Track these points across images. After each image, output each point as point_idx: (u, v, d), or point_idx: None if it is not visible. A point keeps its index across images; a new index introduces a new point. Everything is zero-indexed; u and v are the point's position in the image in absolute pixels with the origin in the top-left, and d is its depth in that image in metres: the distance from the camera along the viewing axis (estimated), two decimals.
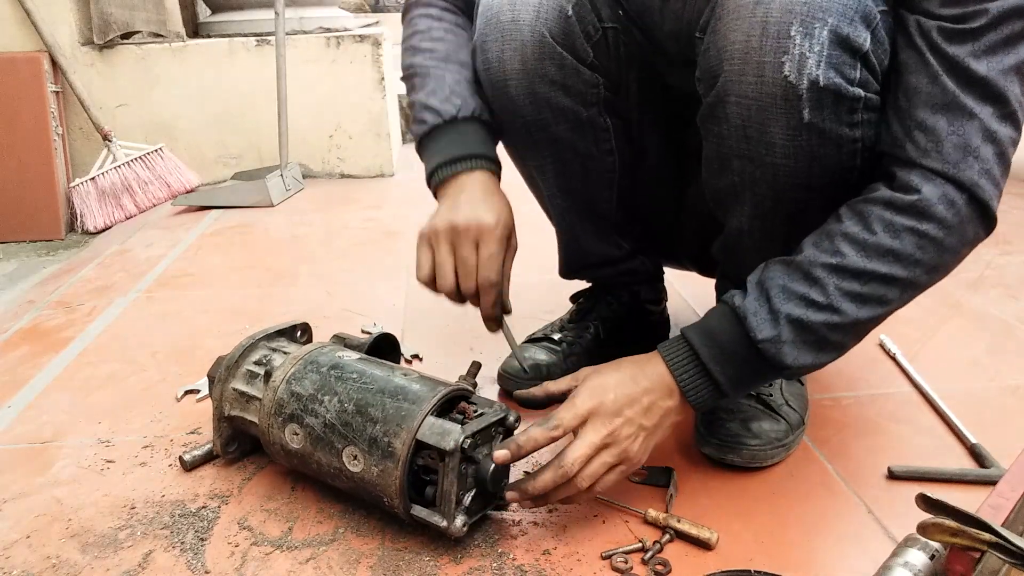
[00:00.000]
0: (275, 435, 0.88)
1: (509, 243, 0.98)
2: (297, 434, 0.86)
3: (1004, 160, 0.79)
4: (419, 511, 0.81)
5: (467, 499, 0.81)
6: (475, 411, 0.84)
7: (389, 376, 0.87)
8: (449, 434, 0.78)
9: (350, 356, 0.92)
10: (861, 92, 0.79)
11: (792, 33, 0.77)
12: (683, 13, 0.97)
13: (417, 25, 1.04)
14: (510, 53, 0.97)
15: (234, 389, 0.94)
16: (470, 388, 0.89)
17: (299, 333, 1.04)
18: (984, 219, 0.80)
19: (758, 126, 0.83)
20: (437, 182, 0.99)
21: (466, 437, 0.78)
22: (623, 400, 0.82)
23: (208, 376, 0.98)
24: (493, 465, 0.81)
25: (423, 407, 0.81)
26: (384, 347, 1.06)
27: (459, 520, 0.80)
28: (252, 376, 0.94)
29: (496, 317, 0.99)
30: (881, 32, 0.78)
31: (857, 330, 0.83)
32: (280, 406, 0.88)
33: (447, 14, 1.05)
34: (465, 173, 0.97)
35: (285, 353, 0.95)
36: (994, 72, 0.75)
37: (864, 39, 0.77)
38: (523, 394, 0.91)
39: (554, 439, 0.81)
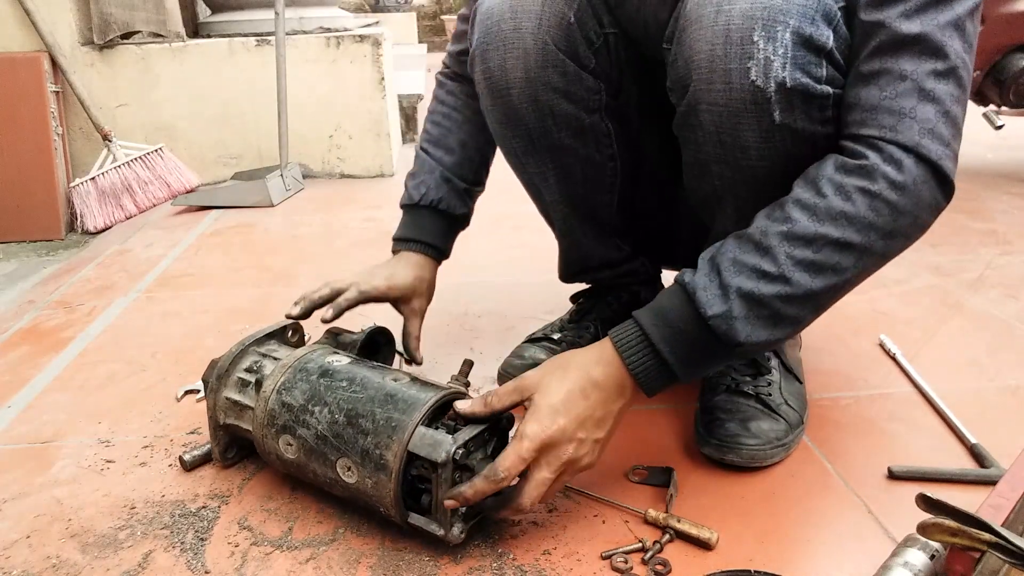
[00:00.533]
0: (270, 445, 0.88)
1: (409, 304, 1.16)
2: (291, 445, 0.86)
3: (950, 119, 0.76)
4: (416, 519, 0.81)
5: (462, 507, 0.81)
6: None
7: (380, 382, 0.85)
8: (440, 445, 0.77)
9: (340, 361, 0.91)
10: (829, 89, 0.79)
11: (755, 38, 0.78)
12: (643, 22, 0.98)
13: (432, 103, 1.22)
14: (512, 61, 0.97)
15: (227, 398, 0.93)
16: (462, 390, 0.89)
17: (290, 333, 1.03)
18: (939, 181, 0.77)
19: (731, 131, 0.84)
20: (392, 250, 1.21)
21: (457, 448, 0.77)
22: (574, 424, 0.78)
23: (203, 380, 0.98)
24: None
25: (413, 417, 0.79)
26: (379, 341, 1.06)
27: (456, 528, 0.79)
28: (244, 384, 0.93)
29: (330, 319, 1.06)
30: (843, 27, 0.79)
31: (814, 303, 0.79)
32: (272, 417, 0.87)
33: (451, 97, 1.20)
34: (404, 252, 1.18)
35: (275, 359, 0.94)
36: (929, 27, 0.74)
37: (827, 37, 0.77)
38: (465, 410, 0.82)
39: (501, 486, 0.77)
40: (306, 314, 1.06)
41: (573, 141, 1.04)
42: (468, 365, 0.94)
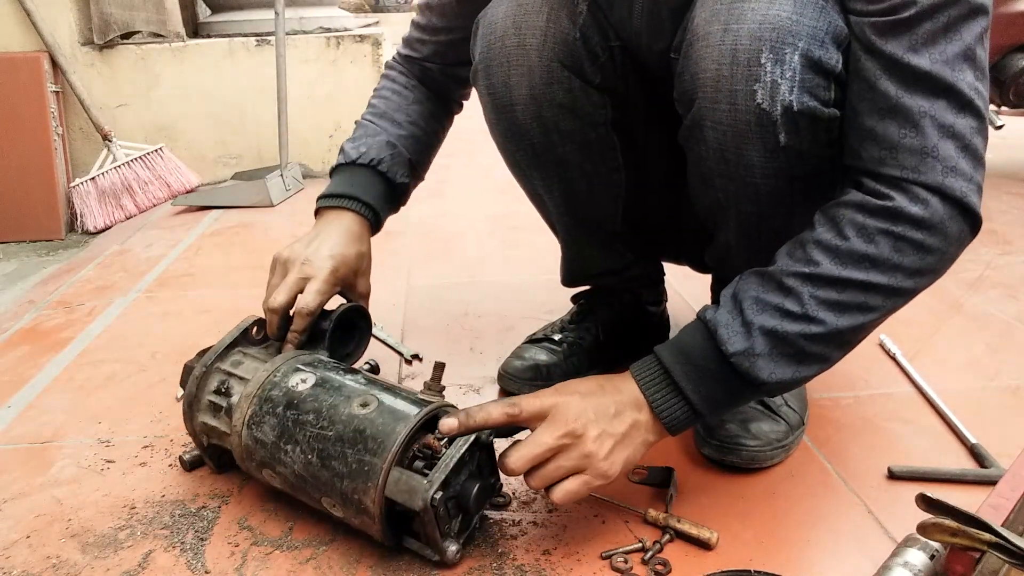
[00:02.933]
0: (255, 474, 0.87)
1: (354, 287, 1.05)
2: (274, 477, 0.84)
3: (971, 152, 0.74)
4: (411, 543, 0.80)
5: (455, 525, 0.79)
6: (442, 442, 0.78)
7: (348, 413, 0.80)
8: (415, 492, 0.74)
9: (305, 383, 0.85)
10: (837, 112, 0.78)
11: (763, 60, 0.76)
12: (648, 35, 0.96)
13: (378, 84, 1.18)
14: (516, 78, 0.96)
15: (203, 423, 0.90)
16: (437, 402, 0.83)
17: (255, 331, 0.97)
18: (965, 216, 0.75)
19: (735, 150, 0.83)
20: (315, 211, 1.09)
21: (434, 492, 0.73)
22: (590, 404, 0.77)
23: (180, 385, 0.95)
24: (475, 488, 0.78)
25: (384, 458, 0.76)
26: (353, 319, 1.03)
27: (451, 550, 0.78)
28: (216, 409, 0.90)
29: (299, 344, 0.97)
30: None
31: (840, 340, 0.78)
32: (249, 452, 0.85)
33: (402, 77, 1.16)
34: (334, 210, 1.06)
35: (241, 379, 0.90)
36: (938, 64, 0.71)
37: (836, 60, 0.76)
38: (450, 430, 0.77)
39: (510, 418, 0.76)
40: (282, 333, 0.98)
41: (578, 155, 1.03)
42: (440, 369, 0.86)
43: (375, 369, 1.22)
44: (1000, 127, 2.34)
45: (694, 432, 1.00)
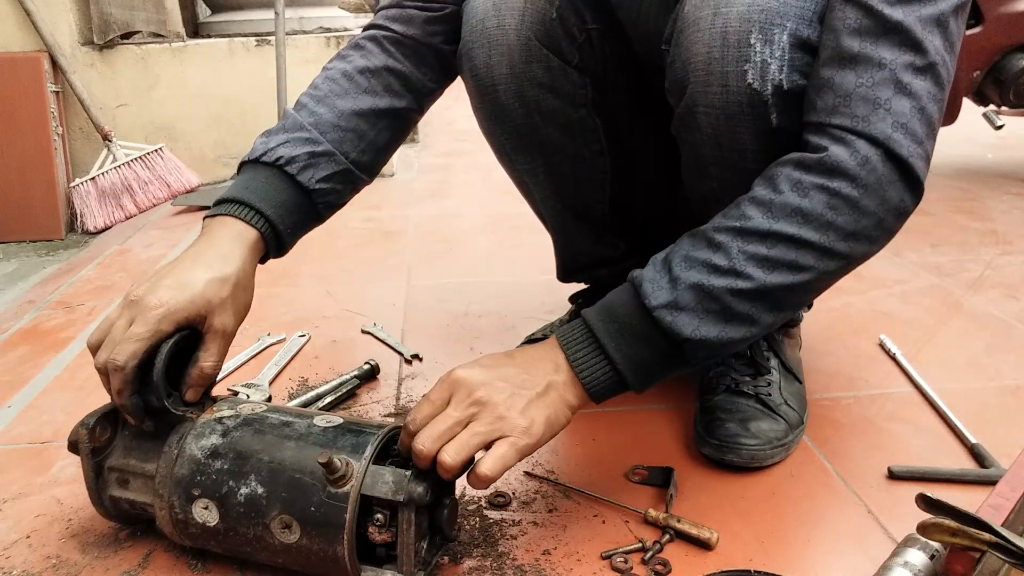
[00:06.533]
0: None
1: (206, 324, 0.79)
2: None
3: (925, 116, 0.72)
4: (368, 571, 0.73)
5: (421, 549, 0.74)
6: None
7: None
8: (399, 485, 0.70)
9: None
10: None
11: (752, 41, 0.77)
12: (639, 11, 0.98)
13: (329, 62, 1.00)
14: (497, 58, 0.97)
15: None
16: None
17: (97, 432, 0.81)
18: (907, 181, 0.73)
19: (728, 134, 0.84)
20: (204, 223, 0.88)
21: (419, 484, 0.69)
22: (496, 372, 0.73)
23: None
24: (447, 505, 0.74)
25: (364, 455, 0.72)
26: (189, 349, 0.81)
27: None
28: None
29: (129, 408, 0.76)
30: None
31: (769, 299, 0.74)
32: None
33: (361, 60, 0.97)
34: (218, 220, 0.86)
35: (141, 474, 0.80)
36: (911, 18, 0.71)
37: None
38: (403, 448, 0.74)
39: (433, 414, 0.72)
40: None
41: (561, 136, 1.04)
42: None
43: (375, 369, 1.22)
44: (1000, 127, 2.34)
45: (694, 432, 1.00)
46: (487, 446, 0.71)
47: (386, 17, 1.01)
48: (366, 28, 1.02)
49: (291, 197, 0.90)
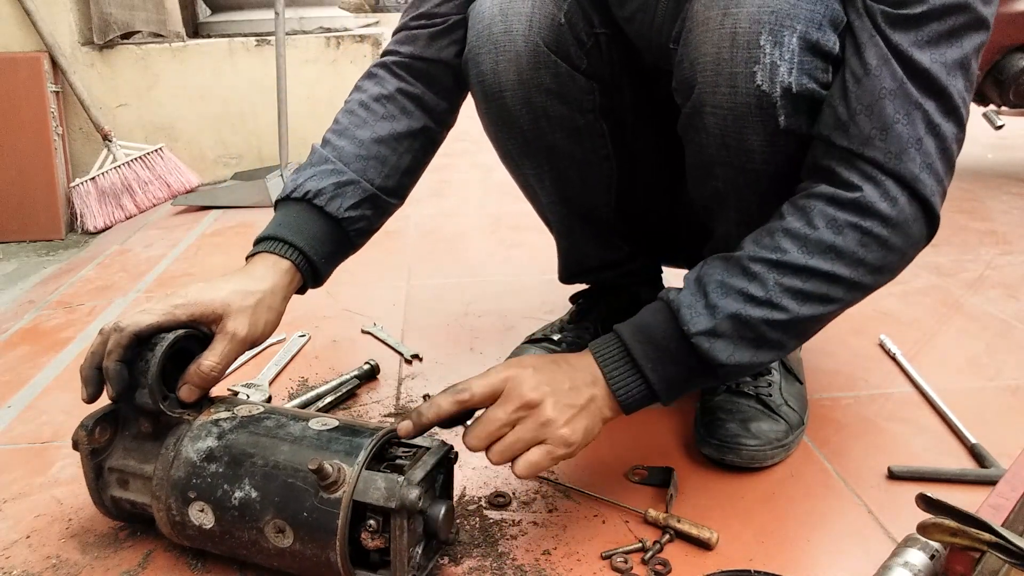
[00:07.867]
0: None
1: (219, 324, 0.83)
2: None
3: (947, 157, 0.76)
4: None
5: (416, 555, 0.74)
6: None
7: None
8: (392, 491, 0.70)
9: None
10: None
11: (762, 42, 0.77)
12: (651, 26, 0.97)
13: (349, 95, 1.02)
14: (504, 64, 0.97)
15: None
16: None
17: (97, 433, 0.81)
18: (928, 217, 0.77)
19: (735, 135, 0.83)
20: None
21: (413, 490, 0.69)
22: (544, 376, 0.76)
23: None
24: (443, 508, 0.74)
25: (357, 459, 0.72)
26: (192, 349, 0.82)
27: None
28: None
29: (111, 373, 0.76)
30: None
31: (798, 329, 0.79)
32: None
33: (376, 87, 1.00)
34: (256, 256, 0.90)
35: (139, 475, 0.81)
36: (936, 65, 0.74)
37: (833, 43, 0.77)
38: (407, 432, 0.76)
39: (462, 404, 0.75)
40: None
41: (568, 142, 1.04)
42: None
43: (375, 369, 1.22)
44: (1000, 127, 2.34)
45: (694, 432, 1.00)
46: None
47: (395, 42, 1.04)
48: (380, 55, 1.05)
49: (322, 228, 0.94)
